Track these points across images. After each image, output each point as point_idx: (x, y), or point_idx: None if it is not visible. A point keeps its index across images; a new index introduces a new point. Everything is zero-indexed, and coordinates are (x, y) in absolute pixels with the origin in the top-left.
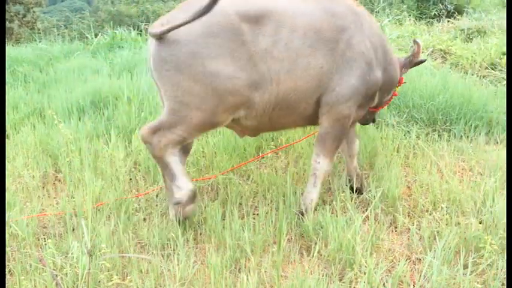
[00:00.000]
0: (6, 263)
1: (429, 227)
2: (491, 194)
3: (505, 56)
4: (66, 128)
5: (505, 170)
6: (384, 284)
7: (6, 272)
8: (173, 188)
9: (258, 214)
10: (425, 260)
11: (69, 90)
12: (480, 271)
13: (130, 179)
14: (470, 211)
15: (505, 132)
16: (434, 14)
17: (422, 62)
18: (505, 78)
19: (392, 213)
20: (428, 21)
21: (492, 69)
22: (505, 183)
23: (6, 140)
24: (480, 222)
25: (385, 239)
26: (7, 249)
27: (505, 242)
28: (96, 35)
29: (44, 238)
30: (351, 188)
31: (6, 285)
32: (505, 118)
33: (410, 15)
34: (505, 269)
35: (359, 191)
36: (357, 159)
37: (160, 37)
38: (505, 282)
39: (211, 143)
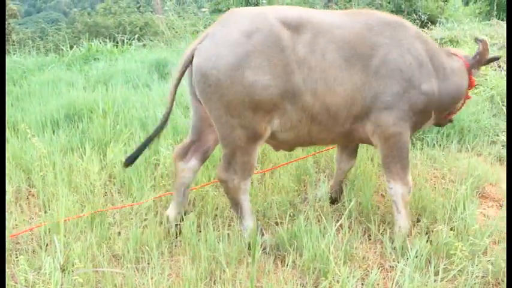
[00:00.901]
0: None
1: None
2: (462, 200)
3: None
4: (40, 141)
5: (474, 175)
6: None
7: None
8: (240, 225)
9: (233, 225)
10: (397, 268)
11: (43, 103)
12: (451, 277)
13: (106, 193)
14: (441, 218)
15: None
16: None
17: (496, 59)
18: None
19: (366, 222)
20: None
21: None
22: (476, 191)
23: None
24: (451, 229)
25: (359, 248)
26: None
27: (475, 247)
28: (71, 47)
29: (16, 254)
30: (331, 199)
31: None
32: (477, 126)
33: None
34: (475, 274)
35: (335, 201)
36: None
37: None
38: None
39: None
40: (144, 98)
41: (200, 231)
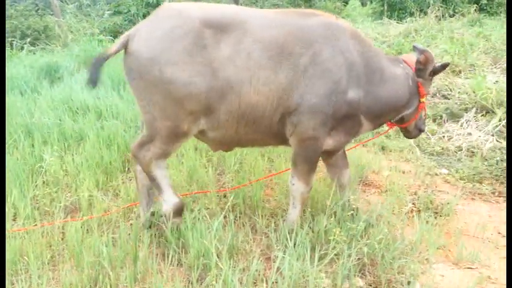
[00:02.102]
0: None
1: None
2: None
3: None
4: None
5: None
6: (240, 283)
7: None
8: (161, 201)
9: (120, 229)
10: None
11: None
12: (330, 261)
13: None
14: (325, 207)
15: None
16: None
17: (445, 66)
18: None
19: (254, 215)
20: None
21: None
22: (359, 179)
23: None
24: (331, 216)
25: (246, 241)
26: None
27: (352, 232)
28: None
29: None
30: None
31: None
32: None
33: None
34: (352, 257)
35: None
36: (349, 190)
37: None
38: (352, 269)
39: (72, 161)
40: (31, 104)
41: (84, 238)
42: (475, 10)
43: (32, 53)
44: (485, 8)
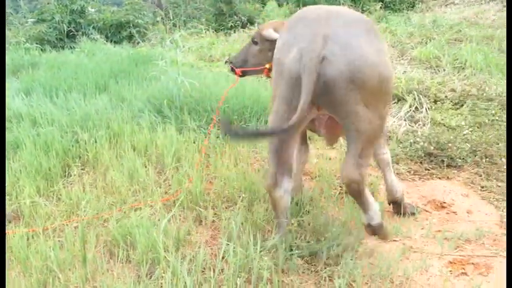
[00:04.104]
0: None
1: (231, 216)
2: None
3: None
4: None
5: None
6: (188, 273)
7: None
8: (366, 216)
9: (66, 233)
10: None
11: None
12: (271, 246)
13: None
14: (262, 196)
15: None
16: (231, 25)
17: None
18: None
19: (197, 209)
20: (226, 32)
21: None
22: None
23: None
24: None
25: (192, 233)
26: None
27: (299, 219)
28: None
29: None
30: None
31: None
32: None
33: (209, 27)
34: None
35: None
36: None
37: None
38: (295, 252)
39: (10, 169)
40: None
41: (30, 244)
42: (381, 7)
43: None
44: (389, 5)
